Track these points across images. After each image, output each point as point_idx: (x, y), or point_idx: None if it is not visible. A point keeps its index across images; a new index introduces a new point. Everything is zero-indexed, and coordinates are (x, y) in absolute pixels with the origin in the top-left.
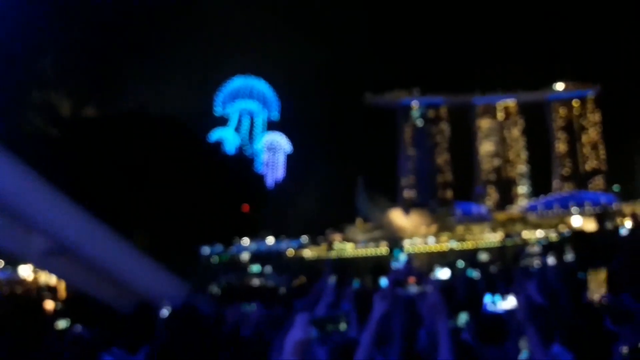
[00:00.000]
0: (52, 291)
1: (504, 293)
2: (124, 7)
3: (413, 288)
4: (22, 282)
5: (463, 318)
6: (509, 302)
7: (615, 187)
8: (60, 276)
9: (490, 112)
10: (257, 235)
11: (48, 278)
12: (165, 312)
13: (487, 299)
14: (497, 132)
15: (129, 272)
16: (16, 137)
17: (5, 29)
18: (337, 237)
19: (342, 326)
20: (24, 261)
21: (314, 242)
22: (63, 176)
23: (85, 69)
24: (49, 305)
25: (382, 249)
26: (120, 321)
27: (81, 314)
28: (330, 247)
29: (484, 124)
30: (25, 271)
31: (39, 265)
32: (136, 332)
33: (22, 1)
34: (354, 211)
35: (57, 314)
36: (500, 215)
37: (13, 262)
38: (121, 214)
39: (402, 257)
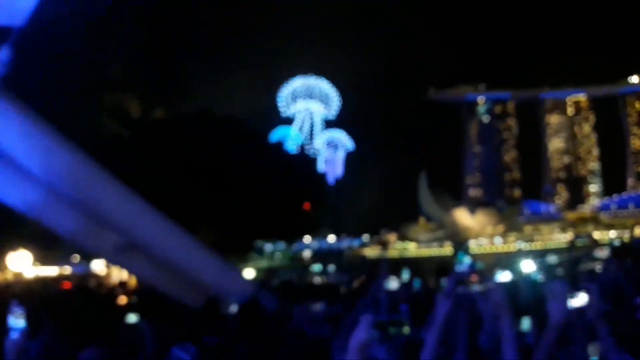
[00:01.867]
0: (123, 285)
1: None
2: (189, 10)
3: (475, 287)
4: (96, 276)
5: (526, 323)
6: (580, 300)
7: None
8: (131, 271)
9: (560, 107)
10: (318, 233)
11: (120, 273)
12: (234, 307)
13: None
14: (567, 128)
15: (197, 268)
16: (89, 139)
17: (77, 33)
18: (392, 237)
19: (406, 329)
20: (98, 256)
21: (375, 240)
22: (134, 176)
23: (154, 71)
24: (121, 299)
25: (446, 249)
26: (188, 316)
27: (151, 308)
28: (385, 247)
29: (553, 119)
30: (98, 266)
31: (112, 261)
32: (204, 326)
33: (92, 5)
34: (417, 210)
35: (128, 308)
36: (571, 215)
37: (87, 257)
38: (188, 212)
39: (467, 260)
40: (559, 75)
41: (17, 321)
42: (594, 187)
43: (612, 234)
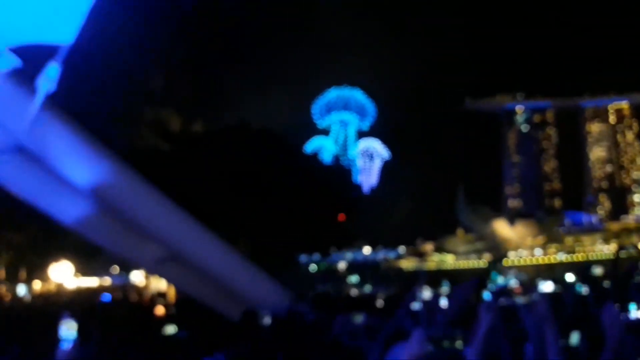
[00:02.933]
0: (162, 296)
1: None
2: (227, 24)
3: (519, 298)
4: (135, 287)
5: (575, 337)
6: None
7: None
8: (171, 282)
9: (601, 115)
10: (353, 244)
11: (158, 283)
12: (267, 319)
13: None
14: (609, 137)
15: (235, 279)
16: (131, 152)
17: (119, 48)
18: (429, 247)
19: (459, 344)
20: (138, 267)
21: (411, 252)
22: (174, 188)
23: (192, 85)
24: (160, 310)
25: (485, 261)
26: (226, 326)
27: (189, 319)
28: (422, 257)
29: (594, 128)
30: (137, 277)
31: (153, 271)
32: (242, 337)
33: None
34: (455, 221)
35: (166, 319)
36: (614, 226)
37: (126, 268)
38: (226, 223)
39: (500, 280)
40: (600, 83)
41: (68, 332)
42: (638, 197)
43: None
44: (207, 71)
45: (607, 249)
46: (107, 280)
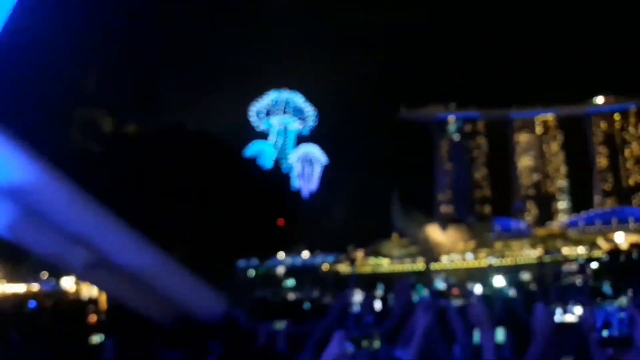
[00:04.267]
0: (93, 303)
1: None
2: (163, 26)
3: (456, 301)
4: (65, 293)
5: (500, 334)
6: (574, 314)
7: None
8: (102, 288)
9: (529, 126)
10: (292, 249)
11: (90, 290)
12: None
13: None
14: (536, 147)
15: (169, 285)
16: (60, 153)
17: (48, 48)
18: (359, 254)
19: (376, 343)
20: (68, 273)
21: (345, 257)
22: (105, 191)
23: (125, 86)
24: (92, 319)
25: (419, 265)
26: (158, 333)
27: (120, 326)
28: (353, 263)
29: (522, 138)
30: (68, 283)
31: (83, 277)
32: (173, 344)
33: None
34: (390, 225)
35: (96, 327)
36: (540, 231)
37: (56, 273)
38: (160, 228)
39: (424, 293)
40: (528, 96)
41: None
42: (562, 204)
43: (580, 249)
44: (142, 71)
45: (534, 254)
46: (35, 287)
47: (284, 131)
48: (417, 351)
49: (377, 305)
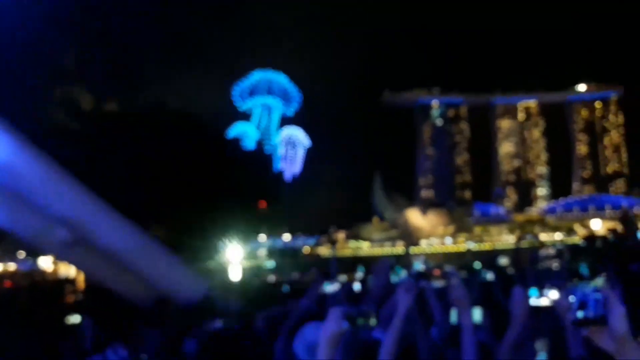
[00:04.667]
0: (70, 283)
1: (540, 288)
2: (145, 3)
3: (437, 282)
4: (42, 273)
5: (477, 314)
6: (550, 297)
7: None
8: (80, 267)
9: (511, 112)
10: (273, 231)
11: (67, 270)
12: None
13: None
14: (518, 133)
15: (148, 265)
16: (37, 131)
17: (25, 24)
18: (341, 235)
19: (372, 321)
20: (45, 252)
21: (327, 239)
22: (83, 169)
23: (106, 63)
24: (70, 298)
25: (399, 249)
26: (136, 315)
27: (98, 307)
28: (334, 245)
29: (504, 124)
30: (46, 262)
31: (60, 257)
32: (151, 325)
33: None
34: (371, 209)
35: (74, 307)
36: (519, 217)
37: (33, 253)
38: (139, 208)
39: (403, 274)
40: (511, 82)
41: None
42: (541, 191)
43: (558, 235)
44: (124, 49)
45: (512, 239)
46: (11, 266)
47: (268, 112)
48: (397, 332)
49: (357, 287)
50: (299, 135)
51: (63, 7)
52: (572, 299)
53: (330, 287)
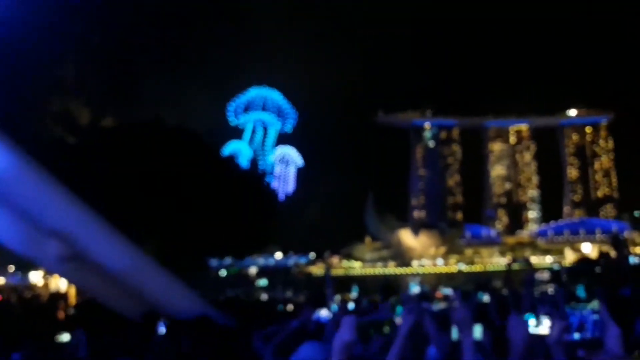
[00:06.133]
0: (62, 298)
1: (537, 314)
2: (141, 19)
3: (439, 304)
4: (33, 287)
5: (478, 331)
6: (544, 327)
7: (636, 213)
8: (73, 282)
9: (503, 135)
10: (265, 249)
11: (58, 284)
12: (162, 328)
13: (529, 317)
14: (509, 156)
15: (142, 281)
16: (35, 144)
17: (26, 39)
18: (335, 261)
19: (386, 329)
20: (37, 266)
21: (321, 258)
22: (79, 183)
23: (104, 79)
24: (62, 314)
25: (391, 269)
26: (127, 329)
27: (92, 321)
28: (328, 269)
29: (496, 147)
30: (36, 277)
31: (53, 270)
32: (145, 341)
33: (42, 11)
34: (363, 228)
35: (65, 323)
36: (510, 239)
37: (23, 267)
38: (135, 223)
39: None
40: (503, 105)
41: None
42: (532, 213)
43: (548, 259)
44: (122, 64)
45: (503, 261)
46: (0, 280)
47: (263, 129)
48: (399, 352)
49: (351, 306)
50: (291, 154)
51: (62, 22)
52: (567, 323)
53: (325, 313)
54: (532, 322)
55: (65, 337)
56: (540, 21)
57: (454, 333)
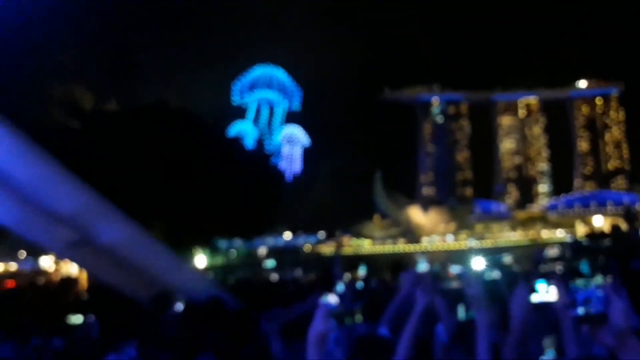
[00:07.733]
0: (73, 282)
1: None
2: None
3: (453, 283)
4: (44, 272)
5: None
6: (549, 294)
7: None
8: (84, 267)
9: (512, 109)
10: (274, 230)
11: (69, 269)
12: (179, 306)
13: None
14: (518, 130)
15: (150, 264)
16: (39, 129)
17: (28, 24)
18: (346, 239)
19: (358, 318)
20: (47, 252)
21: (331, 237)
22: (85, 168)
23: (106, 62)
24: (74, 297)
25: (400, 246)
26: (137, 314)
27: (101, 306)
28: (339, 248)
29: (505, 121)
30: (47, 262)
31: (63, 256)
32: (151, 324)
33: None
34: (372, 207)
35: (77, 306)
36: (521, 214)
37: (34, 253)
38: (142, 206)
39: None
40: (512, 78)
41: None
42: (543, 187)
43: (559, 232)
44: (124, 47)
45: (513, 236)
46: (12, 266)
47: (268, 108)
48: (413, 331)
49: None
50: (297, 134)
51: (63, 6)
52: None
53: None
54: (542, 287)
55: (77, 319)
56: None
57: (461, 312)
